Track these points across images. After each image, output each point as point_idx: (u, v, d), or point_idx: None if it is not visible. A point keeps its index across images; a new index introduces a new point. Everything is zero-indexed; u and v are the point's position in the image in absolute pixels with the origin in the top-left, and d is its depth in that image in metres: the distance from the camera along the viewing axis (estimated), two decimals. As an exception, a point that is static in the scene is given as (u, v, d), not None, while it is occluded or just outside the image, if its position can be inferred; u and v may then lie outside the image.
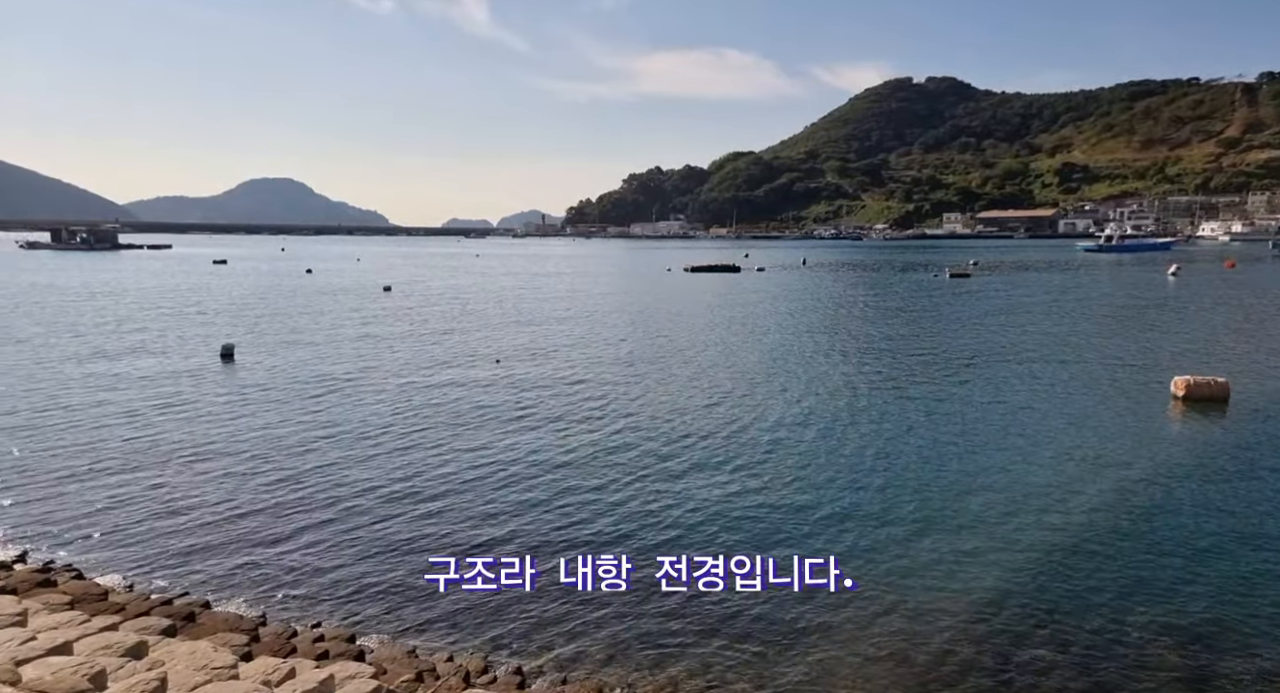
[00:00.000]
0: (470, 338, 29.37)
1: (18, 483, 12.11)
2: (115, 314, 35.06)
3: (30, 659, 5.91)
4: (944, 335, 30.39)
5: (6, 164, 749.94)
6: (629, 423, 16.32)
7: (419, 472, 12.97)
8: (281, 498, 11.67)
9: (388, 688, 6.31)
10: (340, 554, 9.78)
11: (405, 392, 19.30)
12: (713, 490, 12.15)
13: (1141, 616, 8.32)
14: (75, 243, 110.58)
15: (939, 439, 15.14)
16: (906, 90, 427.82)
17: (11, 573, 8.54)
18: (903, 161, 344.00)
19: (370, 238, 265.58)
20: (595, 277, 72.81)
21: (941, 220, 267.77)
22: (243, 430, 15.40)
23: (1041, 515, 11.15)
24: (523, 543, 10.18)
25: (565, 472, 13.06)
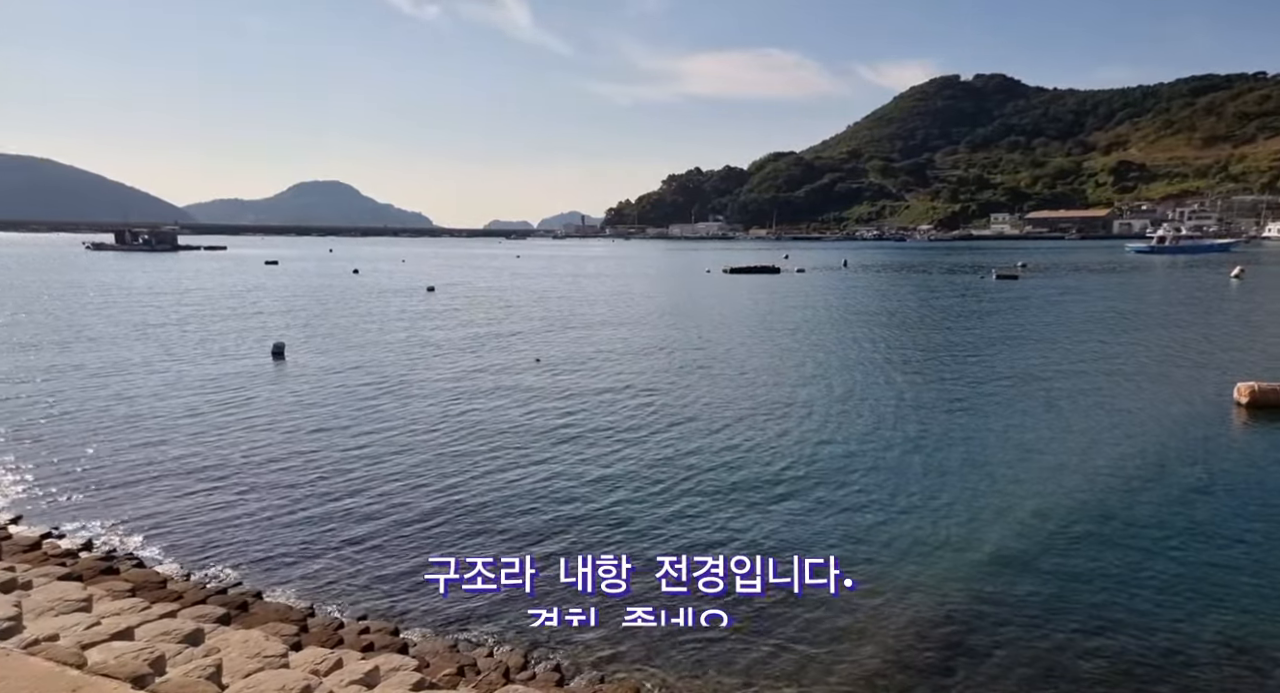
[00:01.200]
0: (512, 339, 29.72)
1: (85, 475, 12.68)
2: (177, 314, 36.40)
3: (95, 644, 6.21)
4: (991, 339, 29.66)
5: (75, 169, 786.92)
6: (671, 426, 16.30)
7: (462, 470, 13.18)
8: (328, 493, 11.99)
9: (430, 682, 6.44)
10: (384, 549, 10.01)
11: (449, 391, 19.63)
12: (751, 496, 12.09)
13: (1201, 634, 8.01)
14: (138, 244, 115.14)
15: (988, 446, 14.79)
16: (954, 88, 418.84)
17: (78, 561, 8.95)
18: (948, 161, 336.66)
19: (415, 239, 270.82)
20: (634, 278, 72.96)
21: (989, 221, 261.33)
22: (292, 428, 15.86)
23: (1097, 526, 10.81)
24: (566, 543, 10.28)
25: (605, 473, 13.13)
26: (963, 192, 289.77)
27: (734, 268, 79.18)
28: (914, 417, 17.05)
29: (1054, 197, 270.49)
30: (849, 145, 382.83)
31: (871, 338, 30.18)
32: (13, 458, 13.44)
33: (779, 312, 40.58)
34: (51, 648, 5.89)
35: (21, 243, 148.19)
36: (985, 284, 62.01)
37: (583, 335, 30.63)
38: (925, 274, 78.27)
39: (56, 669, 5.54)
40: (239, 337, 28.92)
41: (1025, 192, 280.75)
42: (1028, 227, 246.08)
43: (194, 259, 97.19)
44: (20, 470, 12.79)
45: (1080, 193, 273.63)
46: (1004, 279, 65.71)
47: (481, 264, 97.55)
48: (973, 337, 30.57)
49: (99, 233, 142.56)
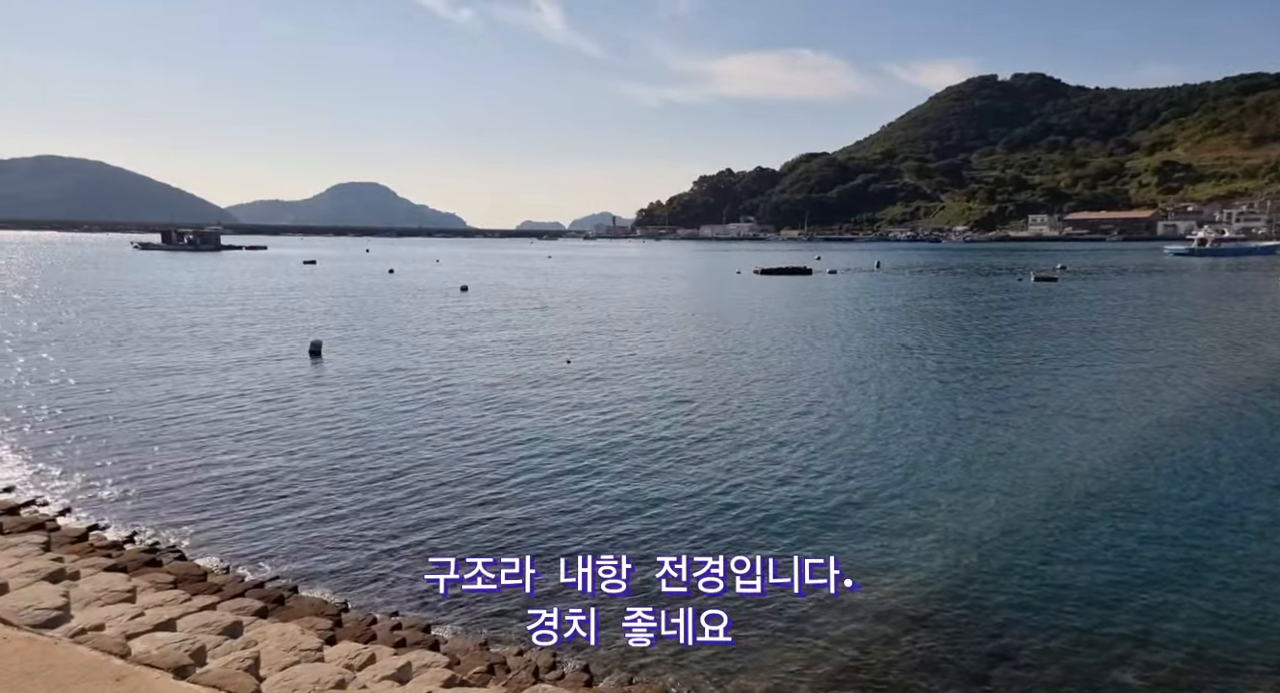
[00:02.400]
0: (543, 339, 29.89)
1: (130, 469, 13.05)
2: (222, 313, 37.29)
3: (138, 634, 6.37)
4: (1028, 344, 29.02)
5: (124, 171, 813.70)
6: (702, 428, 16.25)
7: (493, 471, 13.29)
8: (361, 491, 12.17)
9: (461, 679, 6.49)
10: (415, 547, 10.12)
11: (483, 391, 19.81)
12: (784, 497, 11.98)
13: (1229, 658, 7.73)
14: (183, 245, 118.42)
15: (1023, 458, 14.46)
16: (991, 87, 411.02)
17: (122, 552, 9.21)
18: (985, 162, 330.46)
19: (448, 240, 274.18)
20: (664, 279, 72.94)
21: (1026, 222, 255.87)
22: (328, 426, 16.14)
23: (1114, 532, 10.51)
24: (597, 541, 10.29)
25: (638, 472, 13.12)
26: (1000, 193, 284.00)
27: (765, 269, 78.69)
28: (946, 423, 16.75)
29: (1095, 198, 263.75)
30: (883, 146, 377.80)
31: (903, 341, 29.74)
32: (62, 452, 13.90)
33: (810, 314, 40.21)
34: (97, 637, 6.05)
35: (75, 243, 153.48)
36: (1023, 287, 60.74)
37: (614, 337, 30.69)
38: (961, 276, 76.89)
39: (102, 658, 5.70)
40: (279, 336, 29.54)
41: (1065, 193, 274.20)
42: (1067, 228, 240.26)
43: (236, 259, 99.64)
44: (69, 464, 13.21)
45: (1123, 194, 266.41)
46: (1043, 281, 64.29)
47: (513, 265, 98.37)
48: (1010, 341, 29.93)
49: (146, 233, 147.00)
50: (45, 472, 12.76)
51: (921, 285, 64.93)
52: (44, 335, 28.33)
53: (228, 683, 5.27)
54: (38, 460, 13.32)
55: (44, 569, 7.57)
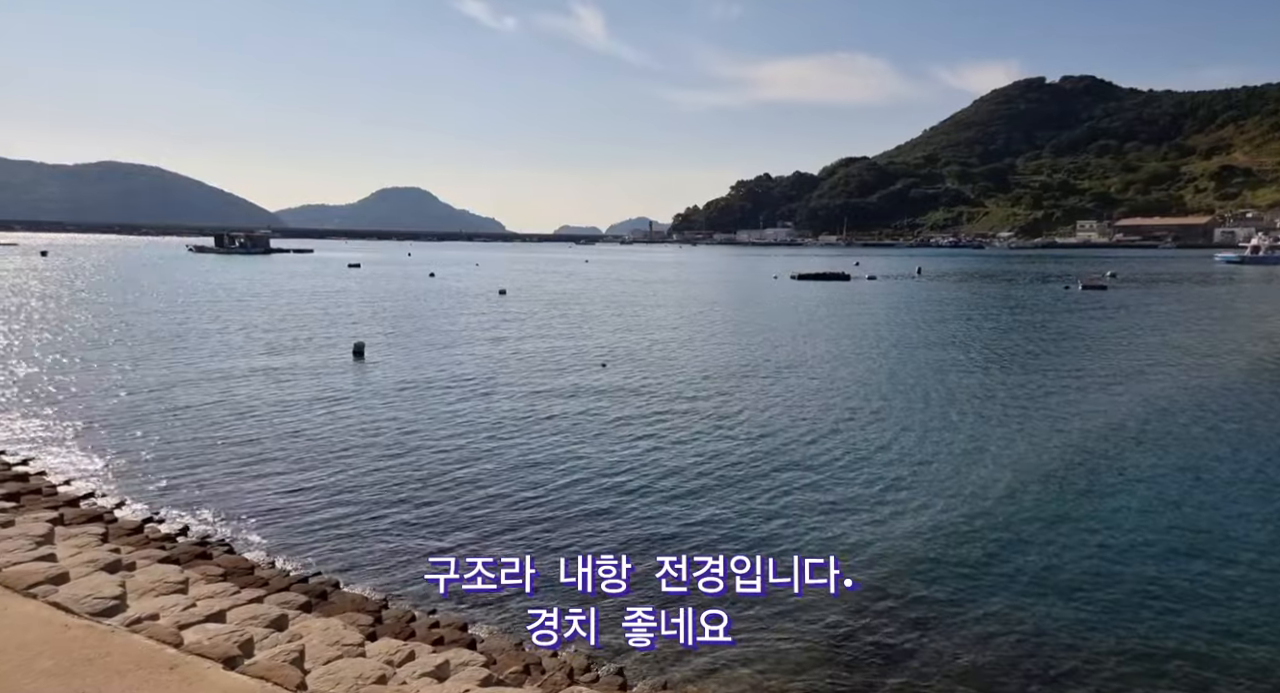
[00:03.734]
0: (580, 342, 30.08)
1: (184, 464, 13.50)
2: (272, 314, 38.38)
3: (190, 624, 6.60)
4: (1074, 354, 28.23)
5: (180, 176, 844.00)
6: (736, 434, 16.19)
7: (531, 472, 13.41)
8: (401, 491, 12.40)
9: (498, 678, 6.57)
10: (453, 547, 10.27)
11: (522, 393, 20.02)
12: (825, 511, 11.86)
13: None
14: (234, 247, 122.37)
15: (1070, 476, 14.06)
16: (1039, 90, 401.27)
17: (175, 545, 9.54)
18: (1031, 166, 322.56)
19: (488, 244, 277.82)
20: (700, 284, 72.82)
21: (1074, 228, 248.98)
22: (369, 427, 16.48)
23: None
24: (634, 543, 10.32)
25: (663, 472, 13.13)
26: (1046, 197, 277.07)
27: (802, 274, 78.02)
28: (987, 435, 16.38)
29: (1147, 203, 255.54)
30: (924, 150, 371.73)
31: (943, 349, 29.17)
32: (121, 447, 14.45)
33: (847, 320, 39.71)
34: (152, 627, 6.29)
35: (135, 245, 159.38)
36: (1070, 295, 59.13)
37: (649, 341, 30.74)
38: (1005, 283, 75.16)
39: (156, 647, 5.93)
40: (326, 337, 30.23)
41: (1115, 198, 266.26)
42: (1118, 235, 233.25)
43: (284, 261, 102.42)
44: (126, 458, 13.73)
45: (1178, 199, 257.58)
46: (1091, 289, 62.48)
47: (551, 269, 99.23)
48: (1057, 352, 29.14)
49: (200, 236, 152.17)
50: (104, 465, 13.28)
51: (964, 292, 63.62)
52: (110, 335, 29.47)
53: (274, 675, 5.43)
54: (97, 455, 13.87)
55: (102, 560, 7.89)
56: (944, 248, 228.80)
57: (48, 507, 10.10)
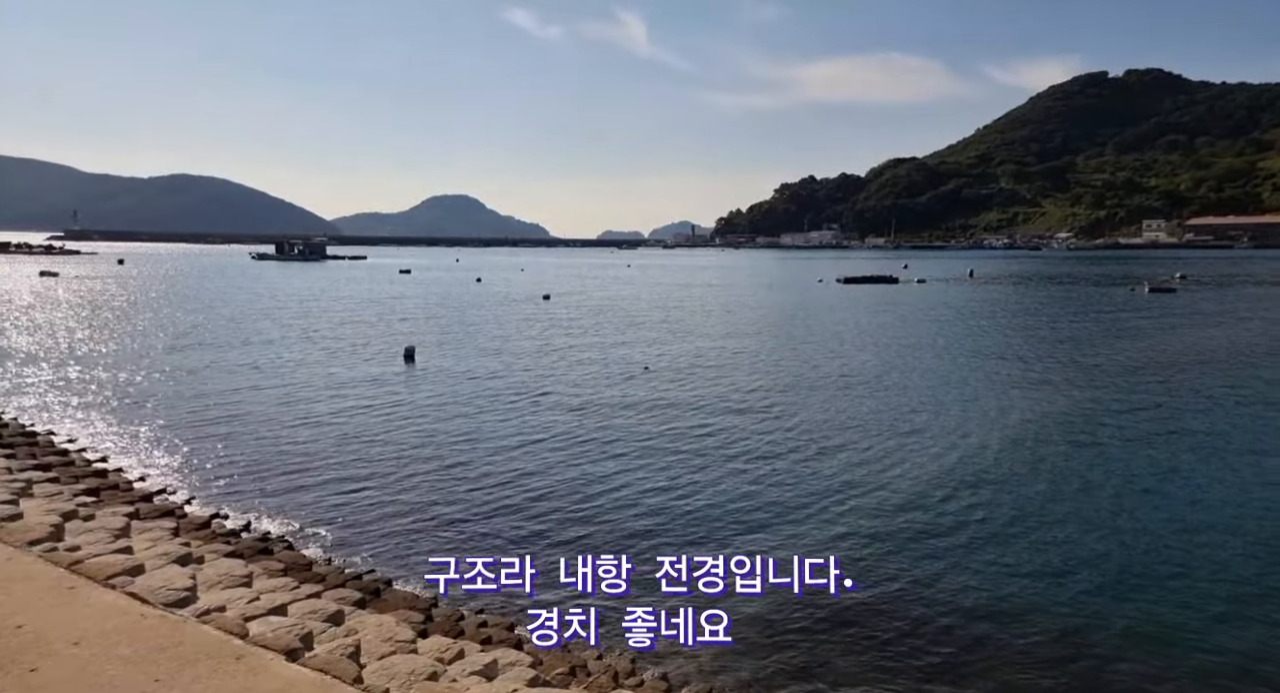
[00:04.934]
0: (623, 347, 30.28)
1: (247, 463, 14.12)
2: (331, 319, 39.68)
3: (255, 617, 6.93)
4: (1141, 363, 27.13)
5: (244, 186, 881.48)
6: (788, 442, 16.11)
7: (578, 475, 13.60)
8: (450, 491, 12.72)
9: (544, 679, 6.71)
10: (499, 547, 10.50)
11: (567, 396, 20.28)
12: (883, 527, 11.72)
13: None
14: (293, 254, 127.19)
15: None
16: (1101, 85, 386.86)
17: (239, 540, 10.00)
18: (1092, 164, 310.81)
19: (532, 249, 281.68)
20: (743, 287, 72.41)
21: (1140, 228, 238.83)
22: (420, 428, 16.95)
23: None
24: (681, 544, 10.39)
25: (725, 482, 13.15)
26: (1109, 197, 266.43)
27: (848, 277, 76.89)
28: (1041, 448, 15.90)
29: (1220, 201, 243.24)
30: (977, 150, 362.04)
31: (996, 355, 28.40)
32: (190, 446, 15.18)
33: (894, 324, 38.99)
34: (220, 618, 6.63)
35: (204, 253, 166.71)
36: (1135, 298, 56.82)
37: (690, 345, 30.76)
38: (1064, 286, 72.67)
39: (224, 638, 6.24)
40: (380, 341, 31.14)
41: (1185, 196, 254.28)
42: (1188, 234, 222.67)
43: (339, 268, 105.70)
44: (195, 456, 14.43)
45: (1254, 197, 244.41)
46: (1158, 292, 59.94)
47: (594, 273, 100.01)
48: (1120, 358, 28.08)
49: (262, 244, 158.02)
50: (174, 464, 13.98)
51: (1018, 295, 61.75)
52: (184, 339, 30.89)
53: (333, 668, 5.67)
54: (168, 453, 14.60)
55: (174, 553, 8.33)
56: (998, 250, 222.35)
57: (124, 502, 10.69)
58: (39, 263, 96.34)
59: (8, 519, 8.74)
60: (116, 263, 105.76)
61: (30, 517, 9.03)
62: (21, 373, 22.68)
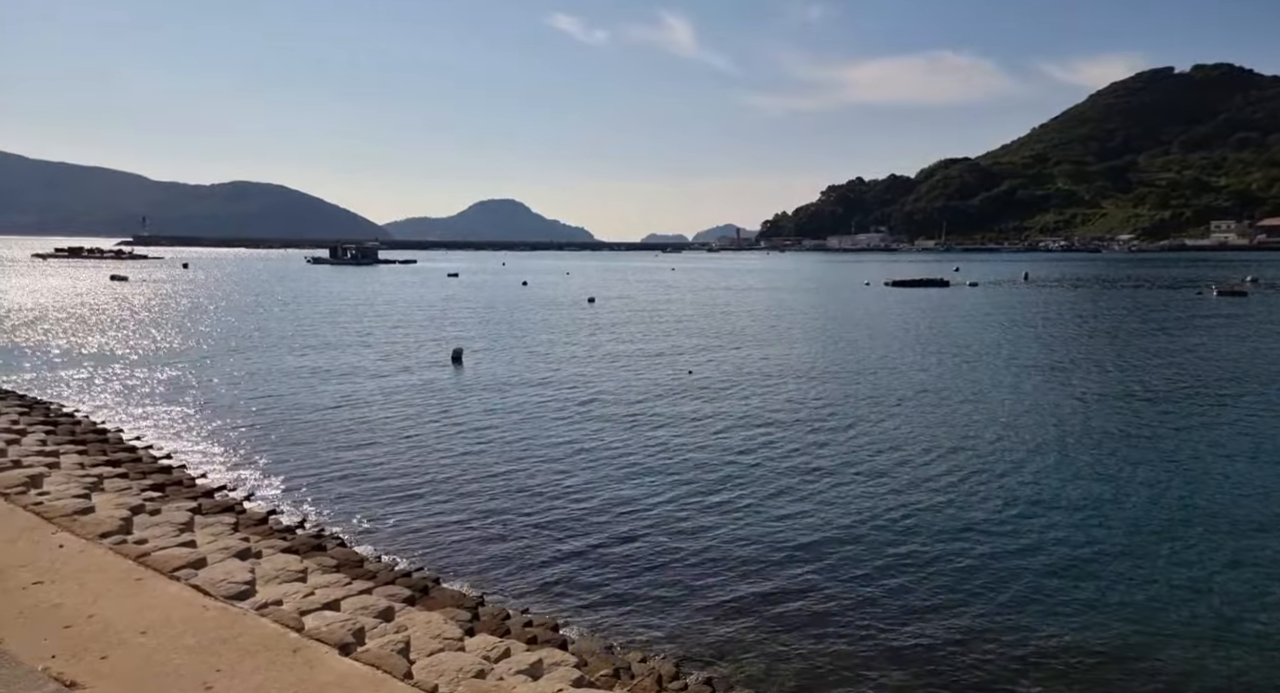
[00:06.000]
0: (666, 351, 30.26)
1: (302, 461, 14.57)
2: (386, 321, 40.63)
3: (310, 611, 7.13)
4: (1213, 373, 25.91)
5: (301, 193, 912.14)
6: (835, 453, 15.87)
7: (622, 479, 13.65)
8: (497, 492, 12.89)
9: (589, 680, 6.73)
10: (545, 548, 10.59)
11: (610, 399, 20.37)
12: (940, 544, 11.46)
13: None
14: (347, 259, 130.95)
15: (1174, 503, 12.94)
16: (1165, 81, 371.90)
17: (295, 536, 10.30)
18: (1156, 163, 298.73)
19: (577, 253, 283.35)
20: (789, 291, 71.65)
21: (1208, 229, 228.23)
22: (469, 430, 17.22)
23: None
24: (720, 563, 10.33)
25: (766, 494, 13.03)
26: (1174, 197, 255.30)
27: (896, 281, 75.42)
28: (1102, 466, 15.29)
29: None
30: (1033, 149, 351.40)
31: (1054, 363, 27.48)
32: (250, 443, 15.75)
33: (945, 329, 38.05)
34: (277, 612, 6.84)
35: (262, 257, 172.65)
36: (1204, 301, 54.33)
37: (735, 349, 30.57)
38: (1126, 289, 69.93)
39: (281, 631, 6.44)
40: (430, 344, 31.77)
41: (1257, 195, 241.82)
42: (1260, 235, 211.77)
43: (390, 272, 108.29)
44: (254, 454, 14.95)
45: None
46: (1228, 296, 57.19)
47: (638, 277, 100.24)
48: (1194, 368, 26.85)
49: (317, 249, 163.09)
50: (235, 460, 14.51)
51: (1077, 299, 59.64)
52: (245, 341, 32.05)
53: (385, 663, 5.80)
54: (229, 450, 15.17)
55: (234, 548, 8.64)
56: (1054, 252, 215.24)
57: (188, 497, 11.15)
58: (110, 267, 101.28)
59: (81, 512, 9.19)
60: (181, 267, 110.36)
61: (101, 510, 9.48)
62: (94, 373, 23.84)
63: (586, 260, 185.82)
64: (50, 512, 8.93)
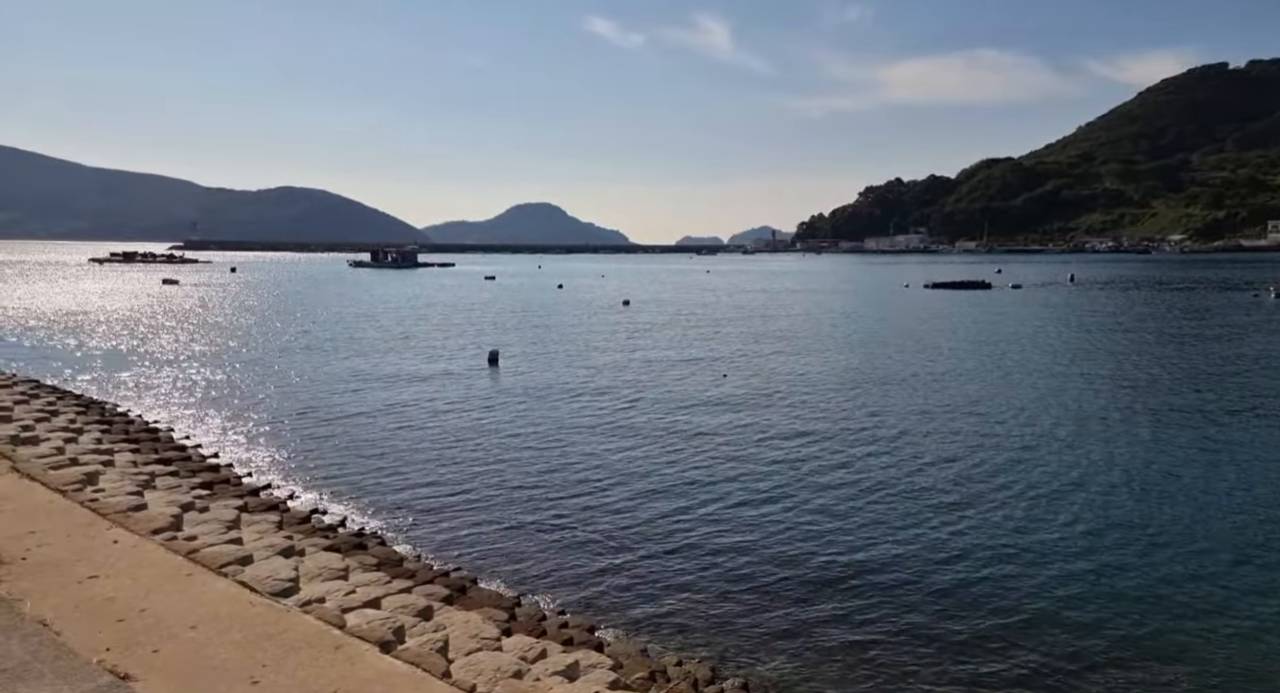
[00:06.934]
0: (700, 354, 30.14)
1: (344, 462, 14.86)
2: (427, 325, 41.18)
3: (351, 609, 7.26)
4: (1267, 379, 24.86)
5: (343, 197, 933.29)
6: (889, 465, 15.63)
7: (660, 483, 13.62)
8: (533, 493, 12.98)
9: (625, 683, 6.72)
10: (582, 551, 10.62)
11: (646, 402, 20.37)
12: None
13: None
14: (387, 262, 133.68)
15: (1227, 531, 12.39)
16: (1220, 77, 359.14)
17: (337, 535, 10.50)
18: (1210, 161, 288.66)
19: (612, 256, 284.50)
20: (826, 293, 70.86)
21: (1266, 229, 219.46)
22: (505, 431, 17.38)
23: None
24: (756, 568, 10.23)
25: (799, 498, 12.89)
26: (1229, 196, 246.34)
27: (936, 283, 74.06)
28: (1155, 481, 14.75)
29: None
30: (1078, 149, 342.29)
31: (1103, 369, 26.65)
32: (294, 444, 16.12)
33: (988, 333, 37.19)
34: (320, 609, 6.97)
35: (307, 261, 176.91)
36: (1261, 304, 52.20)
37: (770, 353, 30.32)
38: (1177, 291, 67.59)
39: (324, 628, 6.56)
40: (469, 346, 32.14)
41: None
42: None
43: (429, 275, 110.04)
44: (298, 454, 15.29)
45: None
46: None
47: (673, 279, 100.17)
48: (1252, 376, 25.80)
49: (358, 252, 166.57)
50: (280, 460, 14.87)
51: (1127, 302, 57.78)
52: (292, 343, 32.80)
53: (424, 662, 5.86)
54: (274, 450, 15.55)
55: (279, 545, 8.84)
56: (1102, 253, 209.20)
57: (235, 495, 11.44)
58: (161, 271, 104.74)
59: (135, 509, 9.50)
60: (230, 270, 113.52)
61: (153, 507, 9.78)
62: (146, 374, 24.66)
63: (621, 263, 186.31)
64: (105, 508, 9.25)
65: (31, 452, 11.98)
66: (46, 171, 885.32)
